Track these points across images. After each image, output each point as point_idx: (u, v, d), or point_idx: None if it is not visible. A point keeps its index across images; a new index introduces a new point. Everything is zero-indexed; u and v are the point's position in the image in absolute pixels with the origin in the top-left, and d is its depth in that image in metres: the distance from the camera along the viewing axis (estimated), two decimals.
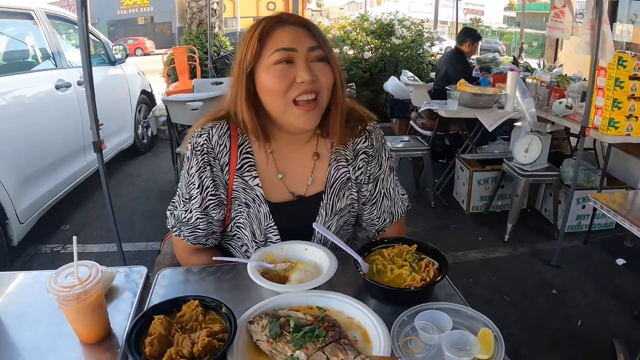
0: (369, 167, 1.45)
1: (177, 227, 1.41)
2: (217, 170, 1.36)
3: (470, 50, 5.50)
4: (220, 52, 8.68)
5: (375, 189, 1.48)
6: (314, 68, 1.24)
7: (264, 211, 1.37)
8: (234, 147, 1.36)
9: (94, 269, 1.03)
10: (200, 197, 1.36)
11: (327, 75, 1.26)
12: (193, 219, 1.37)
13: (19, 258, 3.55)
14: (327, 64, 1.26)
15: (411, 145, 4.50)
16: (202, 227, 1.39)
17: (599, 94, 3.47)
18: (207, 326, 0.99)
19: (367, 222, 1.53)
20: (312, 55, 1.24)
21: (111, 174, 5.29)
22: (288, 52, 1.22)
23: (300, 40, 1.23)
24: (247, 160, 1.37)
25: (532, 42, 17.55)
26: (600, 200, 2.43)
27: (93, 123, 2.70)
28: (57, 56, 4.30)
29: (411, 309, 1.06)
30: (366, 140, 1.44)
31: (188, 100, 4.26)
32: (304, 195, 1.41)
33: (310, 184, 1.41)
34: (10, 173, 3.26)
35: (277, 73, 1.22)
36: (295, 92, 1.23)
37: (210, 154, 1.34)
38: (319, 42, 1.25)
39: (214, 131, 1.35)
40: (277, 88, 1.23)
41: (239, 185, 1.37)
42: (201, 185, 1.35)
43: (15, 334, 1.08)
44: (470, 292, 3.14)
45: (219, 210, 1.39)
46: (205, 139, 1.34)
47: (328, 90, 1.27)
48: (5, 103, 3.44)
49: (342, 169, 1.42)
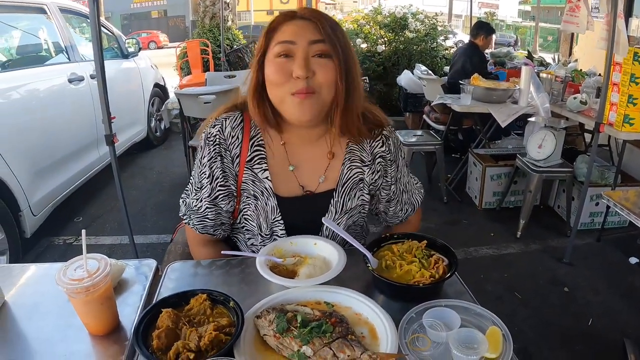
0: (389, 170, 1.47)
1: (188, 215, 1.43)
2: (228, 162, 1.37)
3: (484, 43, 5.45)
4: (233, 45, 8.66)
5: (396, 189, 1.51)
6: (314, 63, 1.22)
7: (271, 204, 1.37)
8: (246, 139, 1.36)
9: (103, 262, 1.04)
10: (210, 187, 1.37)
11: (326, 71, 1.23)
12: (202, 209, 1.39)
13: (32, 250, 3.59)
14: (329, 60, 1.23)
15: (424, 140, 4.48)
16: (211, 217, 1.40)
17: (614, 89, 3.41)
18: (214, 320, 0.99)
19: (391, 216, 1.57)
20: (313, 49, 1.22)
21: (124, 167, 5.33)
22: (287, 44, 1.22)
23: (302, 34, 1.22)
24: (258, 153, 1.37)
25: (547, 37, 17.30)
26: (613, 198, 2.40)
27: (105, 116, 2.72)
28: (70, 50, 4.34)
29: (419, 306, 1.06)
30: (383, 145, 1.45)
31: (200, 94, 4.28)
32: (313, 192, 1.41)
33: (322, 181, 1.41)
34: (23, 166, 3.29)
35: (275, 66, 1.23)
36: (292, 88, 1.22)
37: (222, 145, 1.35)
38: (325, 36, 1.22)
39: (228, 122, 1.36)
40: (274, 80, 1.24)
41: (248, 177, 1.37)
42: (211, 175, 1.36)
43: (26, 325, 1.09)
44: (481, 288, 3.12)
45: (228, 202, 1.40)
46: (218, 129, 1.36)
47: (327, 87, 1.24)
48: (19, 97, 3.47)
49: (356, 169, 1.42)
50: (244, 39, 9.20)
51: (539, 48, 8.70)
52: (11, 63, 3.81)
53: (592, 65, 5.37)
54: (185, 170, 5.10)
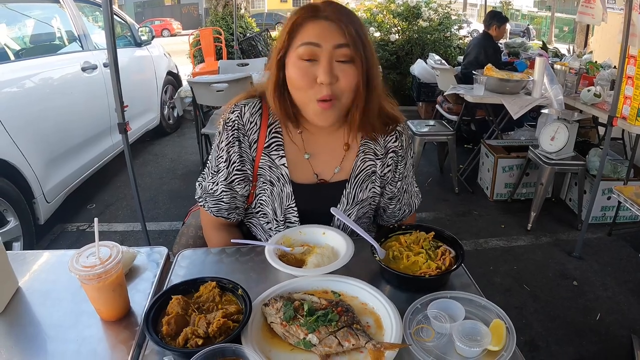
0: (399, 166, 1.49)
1: (203, 197, 1.46)
2: (246, 147, 1.39)
3: (498, 33, 5.39)
4: (246, 33, 8.66)
5: (401, 186, 1.53)
6: (337, 69, 1.22)
7: (287, 191, 1.40)
8: (264, 126, 1.39)
9: (115, 249, 1.06)
10: (226, 171, 1.40)
11: (349, 77, 1.23)
12: (218, 192, 1.42)
13: (45, 236, 3.65)
14: (352, 66, 1.23)
15: (436, 130, 4.46)
16: (226, 201, 1.43)
17: (629, 83, 3.37)
18: (223, 307, 1.01)
19: (389, 215, 1.59)
20: (337, 54, 1.21)
21: (137, 154, 5.38)
22: (312, 47, 1.21)
23: (328, 36, 1.20)
24: (275, 140, 1.40)
25: (563, 27, 17.02)
26: (624, 194, 2.39)
27: (118, 105, 2.74)
28: (83, 38, 4.36)
29: (425, 297, 1.07)
30: (397, 140, 1.47)
31: (213, 82, 4.29)
32: (327, 181, 1.43)
33: (338, 172, 1.43)
34: (37, 153, 3.34)
35: (300, 70, 1.22)
36: (317, 94, 1.23)
37: (240, 130, 1.38)
38: (349, 40, 1.20)
39: (247, 109, 1.38)
40: (299, 84, 1.24)
41: (265, 162, 1.40)
42: (229, 159, 1.39)
43: (39, 311, 1.12)
44: (491, 280, 3.12)
45: (244, 186, 1.42)
46: (237, 115, 1.38)
47: (349, 92, 1.25)
48: (33, 85, 3.51)
49: (369, 162, 1.45)
50: (257, 27, 9.19)
51: (554, 39, 8.59)
52: (25, 52, 3.85)
53: (608, 58, 5.29)
54: (197, 157, 5.13)
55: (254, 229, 1.55)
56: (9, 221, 3.05)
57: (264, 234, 1.51)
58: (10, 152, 3.07)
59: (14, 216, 3.06)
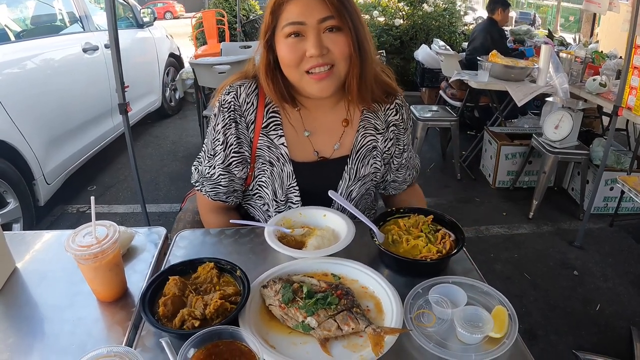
0: (402, 138, 1.49)
1: (200, 182, 1.44)
2: (243, 128, 1.37)
3: (502, 18, 5.34)
4: (249, 15, 8.57)
5: (408, 156, 1.53)
6: (326, 39, 1.20)
7: (287, 170, 1.38)
8: (261, 106, 1.36)
9: (112, 228, 1.04)
10: (223, 154, 1.37)
11: (340, 45, 1.21)
12: (215, 175, 1.40)
13: (45, 218, 3.64)
14: (341, 34, 1.21)
15: (440, 115, 4.43)
16: (224, 184, 1.41)
17: (635, 73, 3.32)
18: (220, 289, 1.00)
19: (400, 182, 1.58)
20: (323, 26, 1.19)
21: (138, 136, 5.35)
22: (297, 25, 1.19)
23: (310, 12, 1.18)
24: (273, 119, 1.37)
25: (569, 17, 16.81)
26: (628, 183, 2.36)
27: (119, 85, 2.71)
28: (85, 19, 4.33)
29: (426, 282, 1.05)
30: (397, 114, 1.46)
31: (215, 64, 4.25)
32: (327, 158, 1.41)
33: (337, 148, 1.41)
34: (38, 135, 3.31)
35: (288, 47, 1.21)
36: (307, 65, 1.21)
37: (236, 112, 1.35)
38: (332, 11, 1.18)
39: (242, 89, 1.36)
40: (289, 62, 1.22)
41: (264, 143, 1.37)
42: (225, 142, 1.36)
43: (36, 291, 1.11)
44: (491, 267, 3.11)
45: (242, 168, 1.40)
46: (233, 96, 1.35)
47: (344, 60, 1.23)
48: (34, 66, 3.48)
49: (370, 137, 1.43)
50: (260, 9, 9.08)
51: (560, 28, 8.48)
52: (26, 33, 3.81)
53: (614, 48, 5.23)
54: (199, 140, 5.11)
55: (252, 211, 1.53)
56: (8, 203, 3.04)
57: (262, 216, 1.49)
58: (10, 133, 3.05)
59: (13, 197, 3.05)
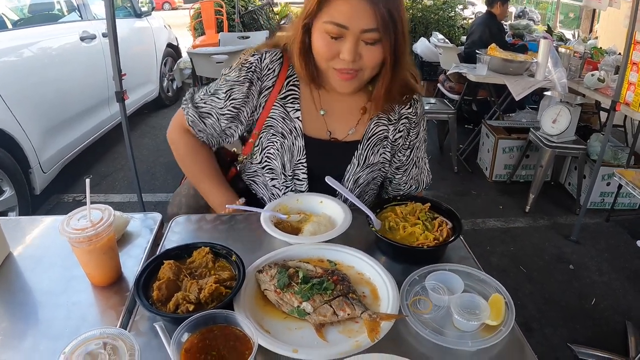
0: (411, 133, 1.46)
1: (187, 103, 1.43)
2: (255, 91, 1.36)
3: (501, 11, 5.33)
4: (248, 6, 8.53)
5: (409, 156, 1.49)
6: (362, 48, 1.18)
7: (298, 144, 1.38)
8: (283, 76, 1.37)
9: (107, 212, 1.03)
10: (222, 101, 1.37)
11: (373, 57, 1.20)
12: (203, 110, 1.40)
13: (41, 207, 3.63)
14: (379, 46, 1.19)
15: (437, 108, 4.43)
16: (207, 123, 1.40)
17: (633, 69, 3.31)
18: (216, 273, 0.99)
19: (394, 186, 1.56)
20: (364, 37, 1.17)
21: (135, 126, 5.33)
22: (339, 28, 1.16)
23: (357, 19, 1.14)
24: (292, 92, 1.37)
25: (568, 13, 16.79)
26: (626, 177, 2.36)
27: (116, 73, 2.70)
28: (83, 8, 4.31)
29: (423, 269, 1.05)
30: (410, 107, 1.44)
31: (213, 53, 4.23)
32: (339, 140, 1.41)
33: (352, 133, 1.41)
34: (34, 123, 3.29)
35: (324, 42, 1.20)
36: (337, 65, 1.22)
37: (255, 73, 1.35)
38: (378, 23, 1.14)
39: (267, 55, 1.36)
40: (321, 55, 1.22)
41: (278, 113, 1.37)
42: (230, 92, 1.36)
43: (30, 276, 1.10)
44: (487, 260, 3.12)
45: (229, 124, 1.40)
46: (257, 59, 1.35)
47: (371, 69, 1.23)
48: (31, 54, 3.45)
49: (382, 126, 1.42)
50: (258, 0, 9.04)
51: (559, 24, 8.46)
52: (23, 21, 3.79)
53: (613, 44, 5.23)
54: None
55: (255, 187, 1.52)
56: (4, 191, 3.03)
57: (266, 192, 1.48)
58: (7, 121, 3.03)
59: (9, 186, 3.03)
